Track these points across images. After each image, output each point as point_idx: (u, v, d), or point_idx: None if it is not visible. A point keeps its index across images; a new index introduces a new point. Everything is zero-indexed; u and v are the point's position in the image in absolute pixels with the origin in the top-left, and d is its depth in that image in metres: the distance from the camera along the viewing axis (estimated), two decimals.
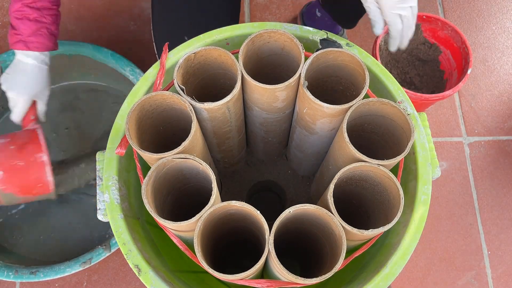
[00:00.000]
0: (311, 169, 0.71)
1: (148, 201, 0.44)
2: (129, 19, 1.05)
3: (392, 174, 0.45)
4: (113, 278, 0.86)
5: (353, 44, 0.58)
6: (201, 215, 0.43)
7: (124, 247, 0.50)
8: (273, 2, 1.08)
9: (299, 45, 0.48)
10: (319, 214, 0.45)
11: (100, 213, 0.52)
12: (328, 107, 0.48)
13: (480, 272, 0.88)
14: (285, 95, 0.51)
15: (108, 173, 0.53)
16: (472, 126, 0.97)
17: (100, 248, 0.74)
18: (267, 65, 0.54)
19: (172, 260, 0.58)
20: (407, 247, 0.50)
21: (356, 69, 0.49)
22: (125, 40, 1.03)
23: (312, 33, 0.59)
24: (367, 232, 0.44)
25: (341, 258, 0.42)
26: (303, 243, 0.59)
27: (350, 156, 0.47)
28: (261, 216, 0.43)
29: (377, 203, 0.51)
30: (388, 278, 0.49)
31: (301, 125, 0.57)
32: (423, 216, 0.51)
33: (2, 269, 0.74)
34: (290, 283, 0.44)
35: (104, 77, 0.92)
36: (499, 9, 1.09)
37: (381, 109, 0.49)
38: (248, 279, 0.46)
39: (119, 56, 0.84)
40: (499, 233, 0.91)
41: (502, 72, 1.03)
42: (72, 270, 0.73)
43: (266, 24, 0.58)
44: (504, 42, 1.06)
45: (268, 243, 0.43)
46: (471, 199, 0.93)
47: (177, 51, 0.57)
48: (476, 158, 0.95)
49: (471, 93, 1.00)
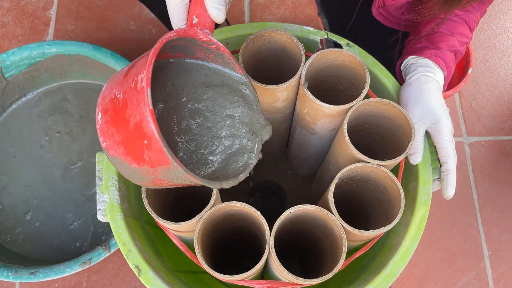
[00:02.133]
0: (312, 169, 0.71)
1: (148, 201, 0.44)
2: (129, 19, 1.05)
3: (393, 174, 0.45)
4: (113, 279, 0.86)
5: (353, 44, 0.58)
6: (202, 216, 0.43)
7: (124, 248, 0.50)
8: (273, 2, 1.08)
9: (300, 45, 0.48)
10: (319, 215, 0.45)
11: (100, 214, 0.52)
12: (328, 108, 0.47)
13: (480, 273, 0.88)
14: (286, 95, 0.51)
15: (108, 173, 0.53)
16: (473, 126, 0.97)
17: (100, 248, 0.74)
18: (267, 65, 0.54)
19: (172, 260, 0.58)
20: (407, 247, 0.50)
21: (356, 69, 0.49)
22: (125, 40, 1.03)
23: (313, 33, 0.58)
24: (368, 232, 0.43)
25: (341, 258, 0.42)
26: (304, 244, 0.59)
27: (350, 156, 0.47)
28: (261, 217, 0.43)
29: (377, 204, 0.51)
30: (388, 278, 0.49)
31: (302, 125, 0.57)
32: (423, 217, 0.51)
33: (2, 270, 0.74)
34: (290, 283, 0.44)
35: (104, 77, 0.92)
36: (499, 9, 1.09)
37: (382, 109, 0.49)
38: (248, 280, 0.46)
39: (119, 56, 0.84)
40: (499, 233, 0.90)
41: (503, 72, 1.03)
42: (72, 271, 0.73)
43: (266, 24, 0.58)
44: (505, 42, 1.05)
45: (268, 244, 0.42)
46: (471, 199, 0.93)
47: None
48: (477, 158, 0.95)
49: (472, 93, 1.00)
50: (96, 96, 0.94)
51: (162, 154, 0.34)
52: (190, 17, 0.42)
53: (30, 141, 0.91)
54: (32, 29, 1.03)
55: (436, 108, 0.52)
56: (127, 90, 0.35)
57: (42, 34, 1.03)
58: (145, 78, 0.34)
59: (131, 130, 0.35)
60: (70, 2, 1.06)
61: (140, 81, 0.34)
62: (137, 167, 0.37)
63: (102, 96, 0.38)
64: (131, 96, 0.35)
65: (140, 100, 0.34)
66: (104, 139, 0.37)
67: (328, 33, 0.58)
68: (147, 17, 1.05)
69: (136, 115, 0.34)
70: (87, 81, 0.95)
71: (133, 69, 0.36)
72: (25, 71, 0.88)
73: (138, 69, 0.35)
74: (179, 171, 0.35)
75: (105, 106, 0.37)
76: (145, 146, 0.35)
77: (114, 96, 0.36)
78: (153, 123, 0.33)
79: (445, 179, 0.52)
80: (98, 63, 0.86)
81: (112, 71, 0.86)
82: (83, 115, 0.93)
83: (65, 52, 0.86)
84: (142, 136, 0.34)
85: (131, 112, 0.35)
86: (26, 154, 0.90)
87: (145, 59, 0.35)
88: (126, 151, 0.36)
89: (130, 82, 0.35)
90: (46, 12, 1.05)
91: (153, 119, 0.33)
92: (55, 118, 0.92)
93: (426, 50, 0.55)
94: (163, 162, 0.35)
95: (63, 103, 0.94)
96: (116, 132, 0.36)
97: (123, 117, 0.35)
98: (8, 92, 0.90)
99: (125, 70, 0.38)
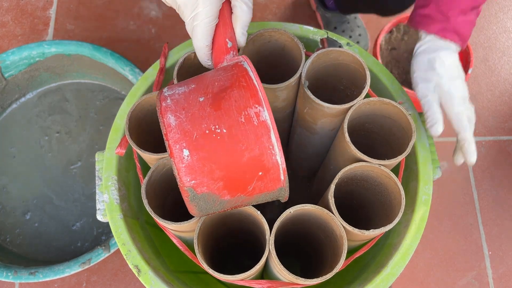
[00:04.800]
0: (312, 169, 0.71)
1: (148, 201, 0.44)
2: (128, 18, 1.05)
3: (393, 174, 0.45)
4: (113, 279, 0.86)
5: (353, 44, 0.58)
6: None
7: (123, 248, 0.50)
8: (274, 2, 1.08)
9: (300, 44, 0.48)
10: (320, 214, 0.45)
11: (100, 214, 0.52)
12: (329, 107, 0.47)
13: (480, 273, 0.88)
14: (286, 94, 0.51)
15: (108, 173, 0.53)
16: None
17: (100, 248, 0.74)
18: (267, 64, 0.54)
19: (172, 260, 0.58)
20: (408, 247, 0.50)
21: (357, 69, 0.49)
22: (124, 40, 1.03)
23: (313, 33, 0.58)
24: (368, 232, 0.43)
25: (342, 258, 0.42)
26: (304, 243, 0.58)
27: (351, 156, 0.47)
28: (261, 217, 0.43)
29: (378, 203, 0.51)
30: (389, 278, 0.49)
31: (302, 125, 0.57)
32: (424, 216, 0.51)
33: (1, 270, 0.74)
34: (290, 283, 0.44)
35: (104, 77, 0.92)
36: (500, 9, 1.09)
37: (382, 109, 0.48)
38: (248, 280, 0.46)
39: (119, 55, 0.84)
40: (500, 234, 0.90)
41: (503, 72, 1.03)
42: (72, 271, 0.73)
43: (266, 23, 0.58)
44: (505, 42, 1.05)
45: (268, 244, 0.42)
46: (471, 199, 0.93)
47: (177, 51, 0.57)
48: (477, 158, 0.95)
49: (472, 93, 1.00)
50: (95, 96, 0.94)
51: (276, 181, 0.37)
52: (222, 40, 0.41)
53: (29, 141, 0.91)
54: (31, 28, 1.03)
55: (442, 77, 0.48)
56: (233, 124, 0.35)
57: (41, 34, 1.03)
58: (267, 114, 0.35)
59: (243, 164, 0.35)
60: (70, 2, 1.06)
61: (255, 115, 0.35)
62: (229, 198, 0.37)
63: (181, 130, 0.35)
64: (244, 130, 0.35)
65: (261, 135, 0.35)
66: (195, 177, 0.35)
67: (328, 33, 0.58)
68: (147, 17, 1.05)
69: (254, 149, 0.35)
70: (86, 81, 0.95)
71: (227, 101, 0.36)
72: (25, 71, 0.87)
73: (239, 100, 0.36)
74: (279, 192, 0.38)
75: (195, 142, 0.35)
76: (258, 178, 0.36)
77: (210, 131, 0.35)
78: (281, 156, 0.35)
79: (463, 149, 0.49)
80: (97, 63, 0.86)
81: (112, 71, 0.86)
82: (82, 115, 0.93)
83: (64, 52, 0.86)
84: (258, 168, 0.35)
85: (246, 146, 0.35)
86: (25, 154, 0.90)
87: (245, 91, 0.36)
88: (226, 185, 0.36)
89: (234, 116, 0.35)
90: (46, 12, 1.05)
91: (281, 152, 0.35)
92: (54, 118, 0.92)
93: (433, 24, 0.50)
94: (270, 188, 0.37)
95: (63, 103, 0.93)
96: (216, 168, 0.35)
97: (231, 153, 0.35)
98: (7, 92, 0.89)
99: (206, 100, 0.36)
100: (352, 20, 1.00)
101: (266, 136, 0.35)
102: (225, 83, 0.37)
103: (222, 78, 0.38)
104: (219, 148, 0.35)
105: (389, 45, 0.93)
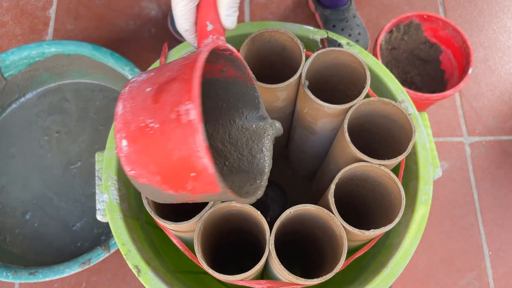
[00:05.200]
0: (312, 169, 0.71)
1: (148, 201, 0.44)
2: (128, 18, 1.05)
3: (394, 174, 0.45)
4: (112, 279, 0.86)
5: (353, 44, 0.58)
6: (201, 216, 0.43)
7: (123, 248, 0.50)
8: (274, 2, 1.08)
9: (300, 44, 0.48)
10: (319, 214, 0.45)
11: (99, 214, 0.52)
12: (329, 107, 0.47)
13: (481, 273, 0.88)
14: (286, 94, 0.51)
15: (108, 173, 0.53)
16: (473, 126, 0.97)
17: (99, 248, 0.74)
18: (267, 64, 0.54)
19: (172, 260, 0.58)
20: (408, 247, 0.50)
21: (357, 69, 0.49)
22: (124, 40, 1.02)
23: (313, 33, 0.58)
24: (368, 232, 0.43)
25: (342, 258, 0.42)
26: (304, 244, 0.58)
27: (351, 156, 0.47)
28: (261, 217, 0.43)
29: (378, 203, 0.51)
30: (389, 278, 0.49)
31: (302, 125, 0.57)
32: (424, 217, 0.51)
33: (1, 270, 0.74)
34: (290, 283, 0.44)
35: (104, 77, 0.92)
36: (500, 9, 1.09)
37: (382, 108, 0.48)
38: (248, 280, 0.46)
39: (118, 55, 0.84)
40: (500, 234, 0.90)
41: (503, 71, 1.03)
42: (71, 271, 0.73)
43: (266, 23, 0.58)
44: (505, 41, 1.05)
45: (268, 244, 0.42)
46: (472, 199, 0.92)
47: (177, 50, 0.57)
48: (477, 158, 0.95)
49: (472, 93, 1.00)
50: (95, 96, 0.94)
51: (213, 185, 0.32)
52: (202, 22, 0.38)
53: (29, 141, 0.91)
54: (31, 28, 1.03)
55: None
56: (165, 120, 0.32)
57: (41, 33, 1.03)
58: (195, 113, 0.30)
59: (174, 162, 0.32)
60: (70, 2, 1.06)
61: (185, 113, 0.31)
62: (173, 193, 0.34)
63: (123, 120, 0.34)
64: (173, 128, 0.31)
65: (188, 135, 0.31)
66: (133, 168, 0.34)
67: (328, 33, 0.58)
68: (147, 17, 1.05)
69: (182, 149, 0.31)
70: (86, 80, 0.95)
71: (166, 94, 0.32)
72: (25, 70, 0.87)
73: (175, 95, 0.32)
74: (226, 196, 0.34)
75: (132, 134, 0.33)
76: (191, 178, 0.32)
77: (145, 124, 0.32)
78: (208, 160, 0.30)
79: None
80: (97, 62, 0.86)
81: (111, 70, 0.86)
82: (82, 115, 0.92)
83: (64, 51, 0.86)
84: (189, 169, 0.32)
85: (174, 145, 0.31)
86: (25, 154, 0.90)
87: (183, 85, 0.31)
88: (164, 180, 0.33)
89: (167, 111, 0.31)
90: (46, 12, 1.05)
91: (209, 157, 0.30)
92: (54, 118, 0.92)
93: None
94: (210, 190, 0.33)
95: (63, 103, 0.93)
96: (151, 162, 0.33)
97: (162, 149, 0.32)
98: (7, 92, 0.89)
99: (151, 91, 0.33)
100: (351, 19, 1.00)
101: (192, 138, 0.31)
102: (174, 73, 0.33)
103: (175, 68, 0.34)
104: (151, 143, 0.32)
105: (389, 45, 0.93)
